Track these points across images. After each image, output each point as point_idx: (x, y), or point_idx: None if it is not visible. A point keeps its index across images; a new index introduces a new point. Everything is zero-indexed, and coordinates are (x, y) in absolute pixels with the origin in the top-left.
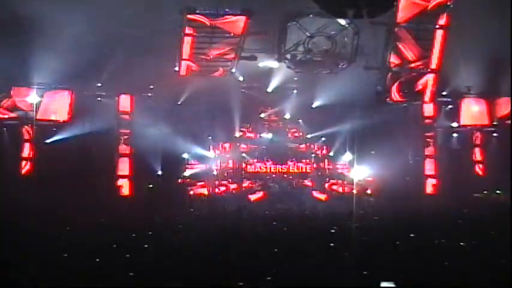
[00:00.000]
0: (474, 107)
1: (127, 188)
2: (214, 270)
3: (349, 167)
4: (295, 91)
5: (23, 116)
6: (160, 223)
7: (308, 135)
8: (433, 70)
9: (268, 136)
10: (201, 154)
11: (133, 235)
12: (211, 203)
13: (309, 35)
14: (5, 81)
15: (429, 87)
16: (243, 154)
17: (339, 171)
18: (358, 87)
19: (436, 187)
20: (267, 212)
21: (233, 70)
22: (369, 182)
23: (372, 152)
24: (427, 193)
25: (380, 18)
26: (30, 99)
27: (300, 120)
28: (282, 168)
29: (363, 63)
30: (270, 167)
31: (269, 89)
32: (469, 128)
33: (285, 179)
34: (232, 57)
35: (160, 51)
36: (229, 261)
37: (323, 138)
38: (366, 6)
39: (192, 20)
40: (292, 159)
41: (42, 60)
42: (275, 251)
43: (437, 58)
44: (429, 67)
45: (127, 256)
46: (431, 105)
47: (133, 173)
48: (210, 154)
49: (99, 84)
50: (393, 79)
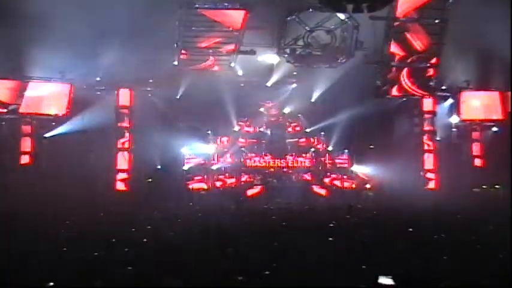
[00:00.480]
0: (473, 101)
1: (126, 182)
2: (212, 264)
3: (348, 162)
4: (294, 85)
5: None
6: (158, 217)
7: (307, 129)
8: (433, 64)
9: (267, 130)
10: (201, 148)
11: (132, 229)
12: (210, 198)
13: (309, 30)
14: None
15: (428, 81)
16: (242, 148)
17: (339, 165)
18: (357, 81)
19: (435, 182)
20: (266, 207)
21: (232, 64)
22: (369, 177)
23: (372, 147)
24: (426, 188)
25: (379, 12)
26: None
27: (300, 114)
28: (281, 162)
29: (363, 57)
30: (269, 162)
31: (268, 83)
32: (468, 123)
33: (284, 174)
34: (231, 51)
35: (159, 45)
36: (227, 256)
37: (322, 132)
38: (366, 0)
39: (192, 14)
40: (291, 153)
41: (39, 52)
42: (274, 246)
43: (436, 52)
44: (429, 61)
45: (125, 250)
46: (430, 99)
47: (132, 167)
48: (210, 148)
49: (98, 78)
50: (392, 73)
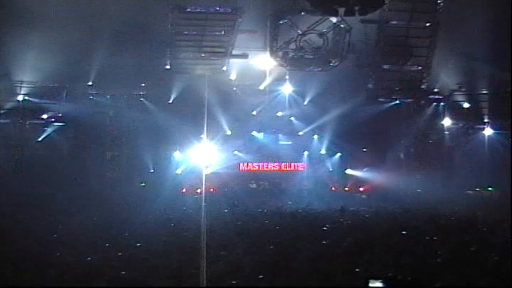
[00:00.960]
0: (465, 104)
1: (120, 186)
2: (206, 268)
3: (341, 164)
4: (288, 89)
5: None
6: (152, 220)
7: (300, 132)
8: (424, 67)
9: (260, 134)
10: (193, 152)
11: (125, 234)
12: (202, 201)
13: (301, 33)
14: None
15: (420, 84)
16: (235, 152)
17: (332, 168)
18: (349, 84)
19: (428, 184)
20: (259, 210)
21: (224, 68)
22: (362, 179)
23: (365, 150)
24: (419, 190)
25: (371, 16)
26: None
27: (292, 117)
28: (274, 166)
29: (354, 61)
30: (262, 165)
31: (261, 87)
32: (461, 125)
33: (277, 177)
34: (223, 55)
35: (151, 49)
36: (221, 259)
37: (315, 135)
38: (357, 4)
39: (183, 18)
40: (284, 156)
41: (32, 58)
42: (267, 249)
43: (427, 55)
44: (420, 64)
45: (119, 254)
46: (422, 102)
47: (126, 171)
48: (202, 152)
49: (90, 83)
50: (384, 76)
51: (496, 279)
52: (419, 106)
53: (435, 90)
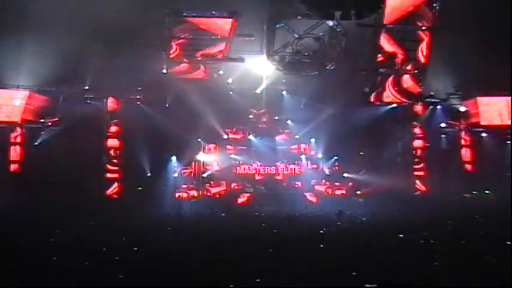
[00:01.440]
0: (462, 107)
1: (116, 190)
2: (203, 272)
3: (339, 168)
4: (284, 92)
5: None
6: (149, 225)
7: (296, 136)
8: (420, 70)
9: (257, 138)
10: (190, 156)
11: (123, 238)
12: (200, 205)
13: (297, 37)
14: None
15: (416, 87)
16: (232, 156)
17: (329, 172)
18: (346, 88)
19: (426, 187)
20: (256, 214)
21: (221, 72)
22: (359, 183)
23: (361, 153)
24: (417, 193)
25: (367, 19)
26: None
27: (289, 121)
28: (271, 169)
29: (351, 64)
30: (259, 169)
31: (258, 90)
32: (457, 128)
33: (274, 181)
34: (220, 59)
35: (148, 53)
36: (218, 263)
37: (312, 139)
38: (354, 7)
39: (180, 22)
40: (281, 160)
41: (28, 62)
42: (264, 253)
43: (424, 59)
44: (416, 68)
45: (116, 259)
46: (419, 105)
47: (122, 175)
48: (200, 156)
49: (86, 87)
50: (380, 80)
51: (494, 283)
52: (415, 109)
53: (432, 93)
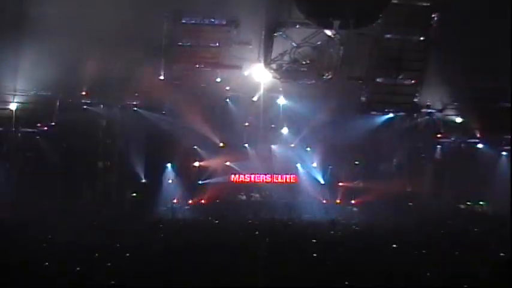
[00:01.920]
0: (457, 118)
1: (112, 196)
2: (195, 280)
3: (333, 177)
4: (281, 100)
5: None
6: (142, 231)
7: (292, 144)
8: (417, 81)
9: (252, 145)
10: (186, 163)
11: (117, 245)
12: (194, 212)
13: (295, 45)
14: None
15: (413, 97)
16: (227, 163)
17: (323, 181)
18: (342, 97)
19: (420, 197)
20: (250, 222)
21: (218, 79)
22: (353, 192)
23: (356, 163)
24: (411, 204)
25: (365, 29)
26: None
27: (285, 129)
28: (266, 177)
29: (348, 73)
30: (254, 177)
31: (255, 98)
32: (453, 139)
33: (269, 189)
34: (217, 66)
35: (145, 59)
36: (209, 271)
37: (308, 147)
38: (352, 17)
39: (178, 29)
40: (276, 168)
41: (25, 67)
42: (256, 261)
43: (421, 69)
44: (413, 78)
45: (108, 265)
46: (415, 115)
47: (117, 181)
48: (195, 163)
49: (83, 92)
50: (377, 90)
51: None
52: (412, 119)
53: (428, 103)
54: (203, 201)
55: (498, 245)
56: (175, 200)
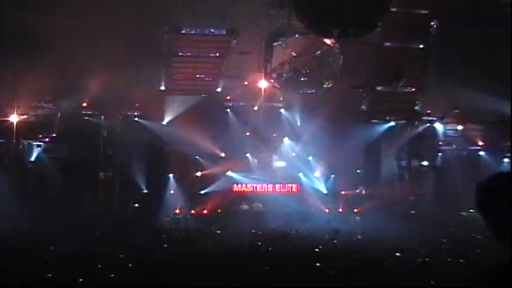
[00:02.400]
0: (458, 126)
1: (114, 207)
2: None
3: (336, 186)
4: (282, 110)
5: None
6: (145, 242)
7: (293, 153)
8: (417, 89)
9: (254, 155)
10: (188, 173)
11: (120, 255)
12: (196, 222)
13: (295, 55)
14: None
15: (413, 105)
16: (229, 173)
17: (325, 190)
18: (343, 105)
19: (422, 205)
20: (253, 231)
21: (219, 89)
22: (355, 201)
23: (359, 171)
24: (413, 212)
25: (365, 38)
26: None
27: (287, 138)
28: (268, 187)
29: (348, 82)
30: (256, 187)
31: (255, 108)
32: (454, 147)
33: (271, 198)
34: (217, 76)
35: (146, 70)
36: (213, 281)
37: (310, 156)
38: (352, 26)
39: (178, 39)
40: (278, 178)
41: (26, 78)
42: (259, 271)
43: (421, 77)
44: (413, 86)
45: (111, 276)
46: (416, 123)
47: (119, 192)
48: (197, 173)
49: (84, 104)
50: (377, 98)
51: None
52: (413, 127)
53: (428, 111)
54: (205, 211)
55: (500, 252)
56: (177, 210)
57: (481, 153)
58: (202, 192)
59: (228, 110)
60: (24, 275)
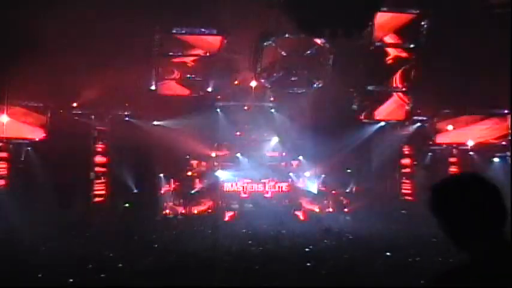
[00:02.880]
0: (449, 126)
1: (103, 207)
2: None
3: (326, 185)
4: (273, 110)
5: None
6: (135, 242)
7: (284, 153)
8: (408, 89)
9: (245, 155)
10: (178, 173)
11: (110, 255)
12: (186, 223)
13: (285, 54)
14: None
15: (404, 105)
16: (219, 173)
17: (316, 189)
18: (334, 105)
19: (412, 205)
20: (244, 231)
21: (209, 89)
22: (346, 200)
23: (349, 170)
24: (403, 211)
25: (355, 37)
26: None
27: (277, 138)
28: (259, 187)
29: (339, 81)
30: (246, 186)
31: (245, 108)
32: (445, 146)
33: (262, 198)
34: (208, 75)
35: (136, 70)
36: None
37: (300, 156)
38: (342, 26)
39: (169, 39)
40: (269, 178)
41: (15, 79)
42: (251, 271)
43: (412, 77)
44: (404, 86)
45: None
46: (407, 123)
47: (109, 192)
48: (187, 173)
49: (74, 104)
50: (368, 98)
51: None
52: (403, 127)
53: (419, 111)
54: (196, 211)
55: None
56: (167, 210)
57: (471, 153)
58: (192, 191)
59: (219, 110)
60: (14, 275)
